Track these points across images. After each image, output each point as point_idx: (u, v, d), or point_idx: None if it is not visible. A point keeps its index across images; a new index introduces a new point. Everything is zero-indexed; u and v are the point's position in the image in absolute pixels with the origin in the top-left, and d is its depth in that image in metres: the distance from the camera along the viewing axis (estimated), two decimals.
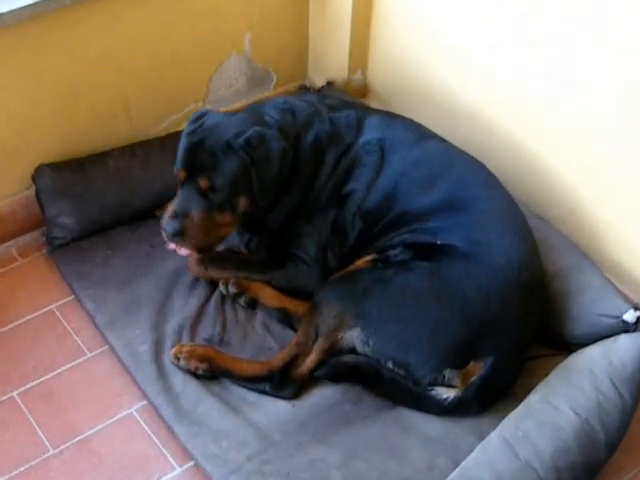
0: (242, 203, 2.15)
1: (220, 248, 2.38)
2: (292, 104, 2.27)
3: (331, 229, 2.27)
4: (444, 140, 2.33)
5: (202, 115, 2.23)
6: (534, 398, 2.00)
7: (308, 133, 2.21)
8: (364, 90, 3.15)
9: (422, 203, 2.16)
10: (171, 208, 2.12)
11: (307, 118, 2.25)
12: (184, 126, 2.32)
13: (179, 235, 2.11)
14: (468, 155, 2.30)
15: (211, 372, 2.18)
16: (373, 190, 2.21)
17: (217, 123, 2.17)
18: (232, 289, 2.37)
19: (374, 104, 3.00)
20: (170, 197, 2.29)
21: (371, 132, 2.25)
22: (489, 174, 2.27)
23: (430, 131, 2.36)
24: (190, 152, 2.12)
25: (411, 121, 2.37)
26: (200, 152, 2.10)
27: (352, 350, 2.10)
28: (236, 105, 2.91)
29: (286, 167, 2.16)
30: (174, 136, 2.45)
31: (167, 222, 2.11)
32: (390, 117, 2.37)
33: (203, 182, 2.10)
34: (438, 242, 2.09)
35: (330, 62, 3.05)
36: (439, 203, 2.14)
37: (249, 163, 2.10)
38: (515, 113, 2.50)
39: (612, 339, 2.08)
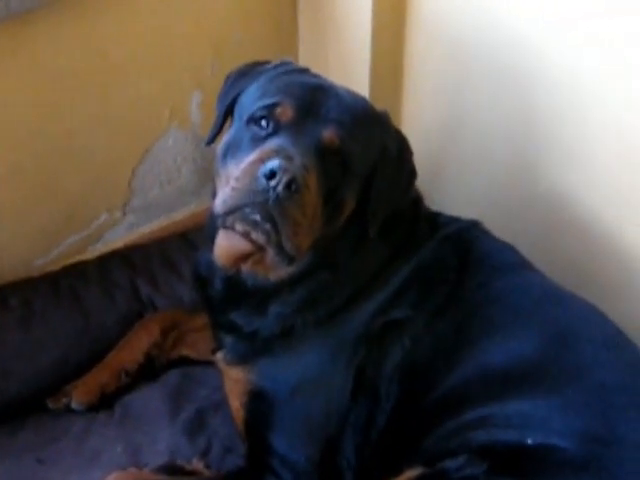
0: (348, 203, 1.71)
1: (161, 459, 1.78)
2: None
3: (354, 391, 1.73)
4: (546, 277, 1.96)
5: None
6: None
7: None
8: None
9: (500, 358, 1.71)
10: (272, 147, 1.61)
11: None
12: (91, 253, 2.15)
13: (291, 188, 1.54)
14: (582, 299, 1.90)
15: None
16: (432, 327, 1.77)
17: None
18: None
19: None
20: (74, 374, 1.93)
21: (448, 237, 1.90)
22: (613, 327, 1.82)
23: (529, 262, 1.99)
24: (313, 90, 1.73)
25: (503, 243, 2.01)
26: (328, 97, 1.73)
27: None
28: (180, 217, 2.38)
29: (406, 198, 1.83)
30: (72, 271, 2.12)
31: (270, 160, 1.57)
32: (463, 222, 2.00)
33: (330, 136, 1.66)
34: (529, 441, 1.59)
35: None
36: (527, 363, 1.69)
37: (384, 149, 1.74)
38: None
39: None
